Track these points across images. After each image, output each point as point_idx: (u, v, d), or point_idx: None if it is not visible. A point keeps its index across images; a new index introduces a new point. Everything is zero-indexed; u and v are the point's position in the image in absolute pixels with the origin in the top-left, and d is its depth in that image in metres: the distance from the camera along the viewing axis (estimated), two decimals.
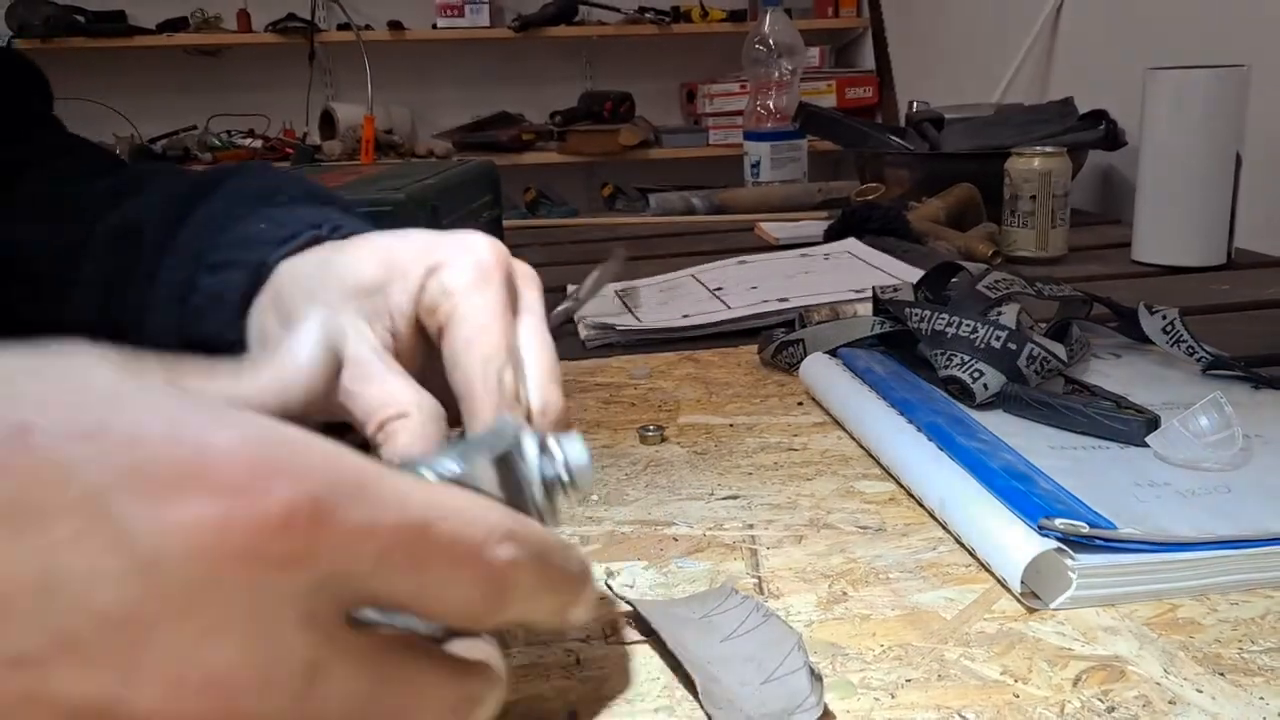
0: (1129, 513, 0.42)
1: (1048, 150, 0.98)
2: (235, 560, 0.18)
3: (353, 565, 0.20)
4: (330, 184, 0.93)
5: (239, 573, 0.19)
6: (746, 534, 0.45)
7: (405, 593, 0.21)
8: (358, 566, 0.20)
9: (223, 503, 0.18)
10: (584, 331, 0.77)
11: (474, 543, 0.22)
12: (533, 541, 0.23)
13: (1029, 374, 0.56)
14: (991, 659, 0.35)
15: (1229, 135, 0.91)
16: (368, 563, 0.20)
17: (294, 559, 0.19)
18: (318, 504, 0.19)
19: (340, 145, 2.63)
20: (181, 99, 2.88)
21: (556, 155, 2.74)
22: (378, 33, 2.74)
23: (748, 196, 1.42)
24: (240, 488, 0.19)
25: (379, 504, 0.20)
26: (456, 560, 0.21)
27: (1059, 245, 0.99)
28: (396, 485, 0.21)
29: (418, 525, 0.21)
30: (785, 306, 0.79)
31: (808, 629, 0.37)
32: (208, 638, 0.18)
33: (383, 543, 0.20)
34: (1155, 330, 0.64)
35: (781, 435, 0.57)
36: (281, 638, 0.19)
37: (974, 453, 0.47)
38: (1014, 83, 1.58)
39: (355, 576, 0.20)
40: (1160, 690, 0.33)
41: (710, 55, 2.90)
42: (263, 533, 0.19)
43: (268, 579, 0.19)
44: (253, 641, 0.19)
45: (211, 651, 0.18)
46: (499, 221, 1.13)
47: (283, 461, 0.19)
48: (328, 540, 0.19)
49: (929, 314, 0.60)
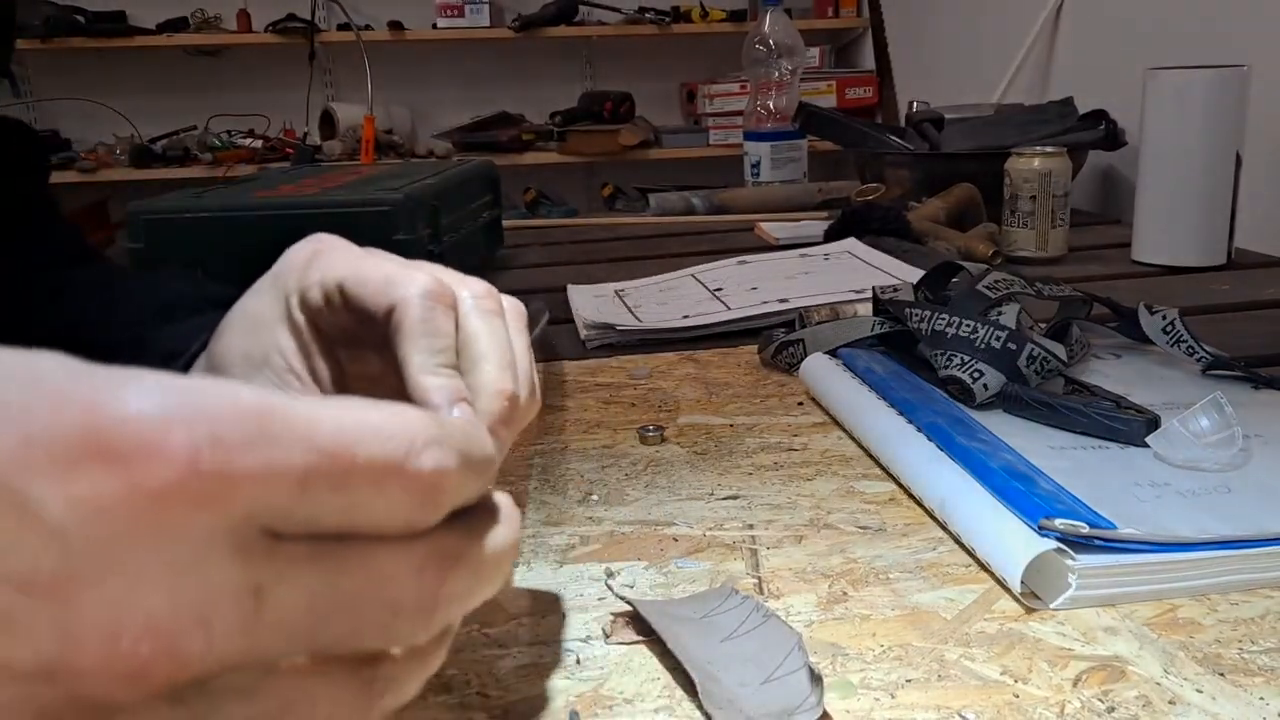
0: (1129, 513, 0.42)
1: (1048, 150, 0.98)
2: (146, 519, 0.19)
3: (271, 499, 0.20)
4: (330, 184, 0.93)
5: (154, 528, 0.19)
6: (746, 534, 0.45)
7: (334, 513, 0.21)
8: (277, 499, 0.20)
9: (120, 469, 0.18)
10: (584, 332, 0.77)
11: (395, 458, 0.22)
12: (456, 440, 0.23)
13: (1029, 374, 0.56)
14: (991, 659, 0.35)
15: (1229, 135, 0.91)
16: (286, 495, 0.20)
17: (204, 503, 0.19)
18: (218, 445, 0.19)
19: (340, 145, 2.63)
20: (181, 99, 2.89)
21: (556, 155, 2.74)
22: (378, 33, 2.74)
23: (748, 197, 1.43)
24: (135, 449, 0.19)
25: (287, 436, 0.20)
26: (380, 478, 0.21)
27: (1059, 245, 0.99)
28: (303, 412, 0.21)
29: (332, 452, 0.21)
30: (785, 307, 0.79)
31: (808, 629, 0.37)
32: (136, 589, 0.19)
33: (297, 475, 0.20)
34: (1155, 330, 0.64)
35: (781, 435, 0.57)
36: (212, 574, 0.19)
37: (974, 453, 0.47)
38: (1014, 83, 1.58)
39: (278, 507, 0.20)
40: (1160, 690, 0.33)
41: (710, 55, 2.90)
42: (167, 488, 0.19)
43: (184, 527, 0.19)
44: (183, 584, 0.19)
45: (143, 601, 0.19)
46: (499, 221, 1.14)
47: (176, 410, 0.19)
48: (236, 480, 0.19)
49: (929, 314, 0.60)
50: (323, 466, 0.20)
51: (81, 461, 0.18)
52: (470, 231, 0.99)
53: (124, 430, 0.19)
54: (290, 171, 1.18)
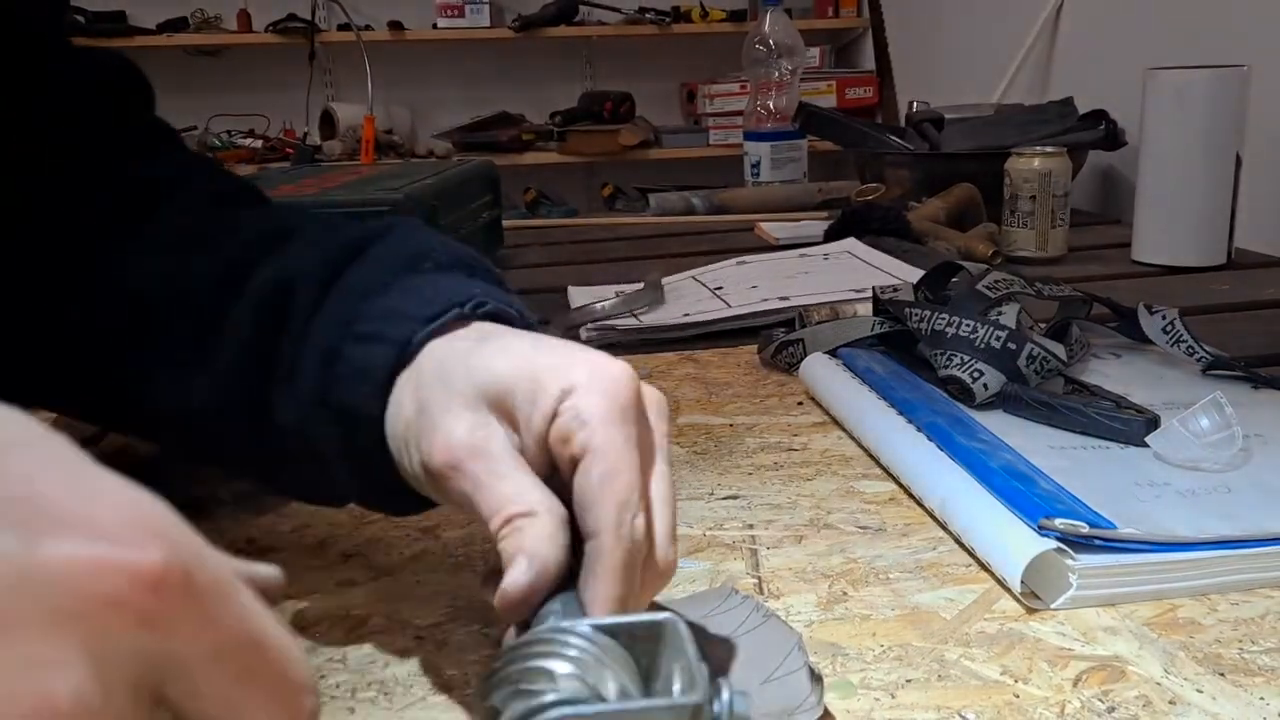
0: (1129, 513, 0.42)
1: (1048, 150, 0.98)
2: (100, 602, 0.19)
3: (192, 649, 0.21)
4: (330, 184, 0.93)
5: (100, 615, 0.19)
6: (746, 534, 0.45)
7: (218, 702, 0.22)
8: (195, 652, 0.21)
9: (101, 547, 0.19)
10: (584, 333, 0.77)
11: (297, 683, 0.22)
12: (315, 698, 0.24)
13: (1029, 374, 0.56)
14: (991, 659, 0.35)
15: (1229, 135, 0.91)
16: (204, 654, 0.21)
17: (151, 620, 0.20)
18: (188, 577, 0.20)
19: (340, 145, 2.63)
20: (182, 99, 2.88)
21: (556, 155, 2.74)
22: (378, 33, 2.74)
23: (748, 197, 1.42)
24: (120, 539, 0.19)
25: (233, 603, 0.21)
26: (276, 690, 0.22)
27: (1059, 245, 0.99)
28: (247, 597, 0.22)
29: (258, 639, 0.22)
30: (786, 305, 0.79)
31: (808, 629, 0.37)
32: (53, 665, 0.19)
33: (225, 640, 0.21)
34: (1155, 330, 0.64)
35: (781, 435, 0.57)
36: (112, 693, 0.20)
37: (974, 453, 0.47)
38: (1014, 83, 1.58)
39: (187, 663, 0.21)
40: (1160, 690, 0.33)
41: (710, 55, 2.90)
42: (133, 584, 0.19)
43: (123, 631, 0.20)
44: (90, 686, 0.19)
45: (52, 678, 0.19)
46: (499, 222, 1.13)
47: (164, 530, 0.20)
48: (186, 613, 0.20)
49: (929, 314, 0.60)
50: (247, 645, 0.21)
51: (65, 531, 0.19)
52: (470, 232, 0.99)
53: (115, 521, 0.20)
54: (290, 171, 1.18)
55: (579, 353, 0.34)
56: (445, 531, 0.47)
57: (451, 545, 0.45)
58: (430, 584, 0.42)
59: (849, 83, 2.59)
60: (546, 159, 2.74)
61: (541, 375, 0.33)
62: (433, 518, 0.48)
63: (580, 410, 0.32)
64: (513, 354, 0.34)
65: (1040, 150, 0.98)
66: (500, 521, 0.31)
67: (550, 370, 0.33)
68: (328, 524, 0.48)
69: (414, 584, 0.42)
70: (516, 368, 0.33)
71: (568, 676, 0.25)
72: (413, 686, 0.35)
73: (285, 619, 0.40)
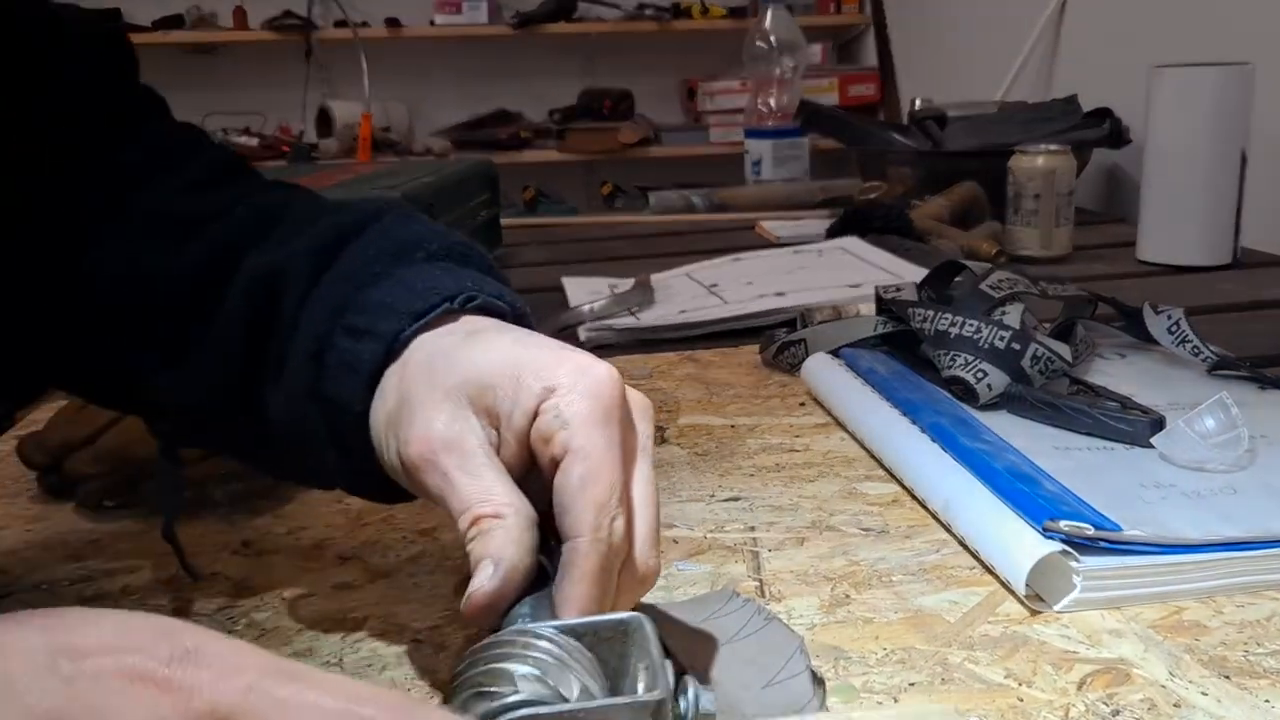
0: (1134, 514, 0.41)
1: (1052, 148, 0.98)
2: None
3: None
4: (327, 182, 0.93)
5: None
6: (748, 536, 0.45)
7: None
8: None
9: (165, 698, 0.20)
10: (584, 333, 0.77)
11: None
12: None
13: (1033, 374, 0.56)
14: (995, 662, 0.35)
15: (1234, 133, 0.90)
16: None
17: None
18: None
19: (337, 143, 2.62)
20: (177, 97, 2.83)
21: (555, 153, 2.73)
22: (375, 30, 2.73)
23: (749, 195, 1.42)
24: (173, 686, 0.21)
25: None
26: None
27: (1063, 244, 0.99)
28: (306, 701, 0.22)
29: None
30: (783, 303, 0.79)
31: (810, 632, 0.37)
32: None
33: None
34: (1160, 330, 0.63)
35: (783, 436, 0.57)
36: None
37: (978, 454, 0.47)
38: (1018, 80, 1.57)
39: None
40: (1165, 693, 0.33)
41: (711, 52, 2.89)
42: None
43: None
44: None
45: None
46: (497, 220, 1.13)
47: None
48: None
49: (932, 314, 0.60)
50: None
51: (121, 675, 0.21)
52: (468, 230, 0.99)
53: None
54: (287, 170, 1.18)
55: (564, 352, 0.34)
56: (443, 534, 0.46)
57: (449, 547, 0.45)
58: (428, 586, 0.42)
59: (851, 80, 2.59)
60: (545, 157, 2.74)
61: (525, 373, 0.32)
62: (430, 519, 0.47)
63: (562, 410, 0.31)
64: (497, 350, 0.34)
65: (1044, 148, 0.98)
66: (468, 522, 0.31)
67: (534, 368, 0.33)
68: (324, 526, 0.48)
69: (411, 586, 0.42)
70: (500, 364, 0.33)
71: (529, 678, 0.25)
72: (411, 689, 0.35)
73: (282, 622, 0.40)
